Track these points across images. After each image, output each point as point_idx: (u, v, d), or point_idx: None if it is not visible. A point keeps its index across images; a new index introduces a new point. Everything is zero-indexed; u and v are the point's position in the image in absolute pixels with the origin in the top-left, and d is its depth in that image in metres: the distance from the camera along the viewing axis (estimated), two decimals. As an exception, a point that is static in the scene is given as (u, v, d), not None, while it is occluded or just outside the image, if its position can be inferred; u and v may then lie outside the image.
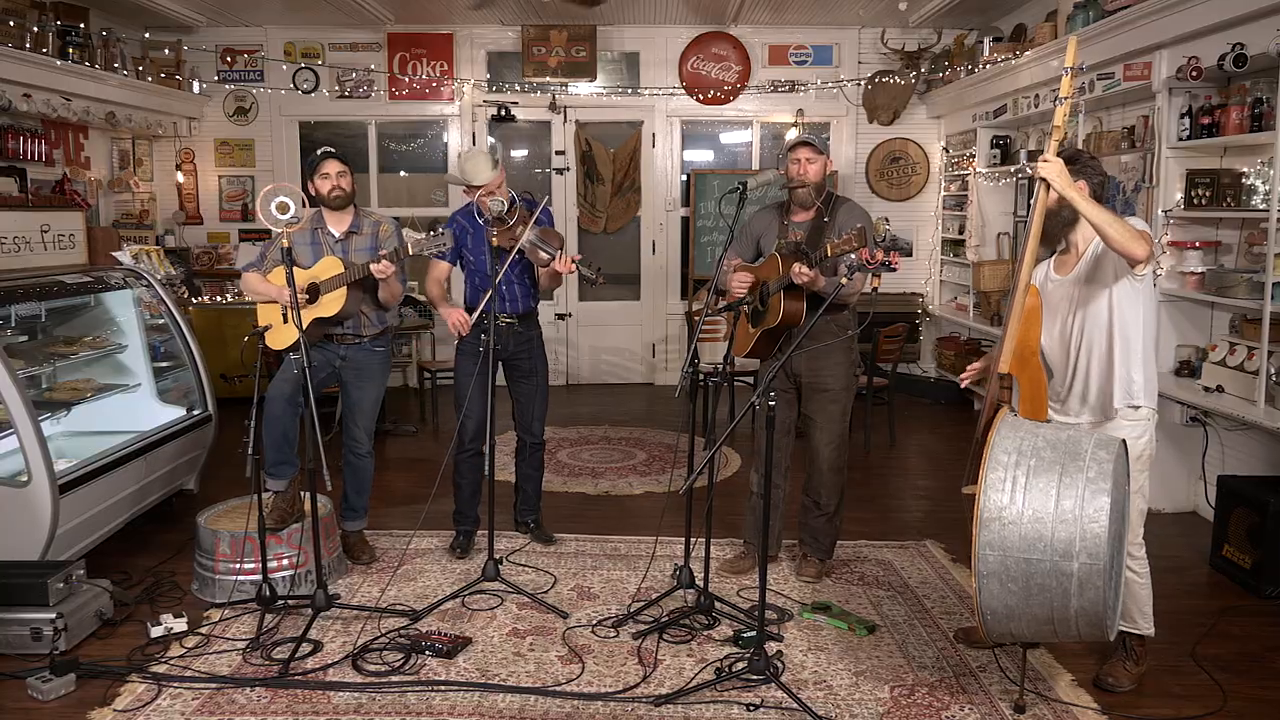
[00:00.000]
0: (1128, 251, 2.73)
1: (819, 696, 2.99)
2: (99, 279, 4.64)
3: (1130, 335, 2.91)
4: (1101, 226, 2.73)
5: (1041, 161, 2.79)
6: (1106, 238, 2.74)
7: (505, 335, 4.03)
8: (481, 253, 3.98)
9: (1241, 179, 4.41)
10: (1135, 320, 2.91)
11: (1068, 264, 3.04)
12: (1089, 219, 2.76)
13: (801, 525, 4.02)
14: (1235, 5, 4.06)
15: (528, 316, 4.16)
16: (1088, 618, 2.53)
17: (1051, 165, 2.78)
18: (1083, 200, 2.77)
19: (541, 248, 3.89)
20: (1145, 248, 2.72)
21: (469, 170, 3.94)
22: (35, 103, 5.85)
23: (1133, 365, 2.92)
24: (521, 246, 3.89)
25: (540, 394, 4.24)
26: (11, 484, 3.56)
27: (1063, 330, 3.05)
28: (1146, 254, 2.73)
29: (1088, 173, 2.94)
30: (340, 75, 7.94)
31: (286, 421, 3.84)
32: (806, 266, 3.43)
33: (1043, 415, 2.94)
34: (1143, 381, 2.93)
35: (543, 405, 4.26)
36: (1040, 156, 2.81)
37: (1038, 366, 2.94)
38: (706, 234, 8.08)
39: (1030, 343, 2.92)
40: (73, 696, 2.97)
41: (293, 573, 3.75)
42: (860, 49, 7.96)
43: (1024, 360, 2.89)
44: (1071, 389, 3.04)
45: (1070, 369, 3.03)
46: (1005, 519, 2.54)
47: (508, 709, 2.90)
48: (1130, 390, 2.93)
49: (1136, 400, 2.93)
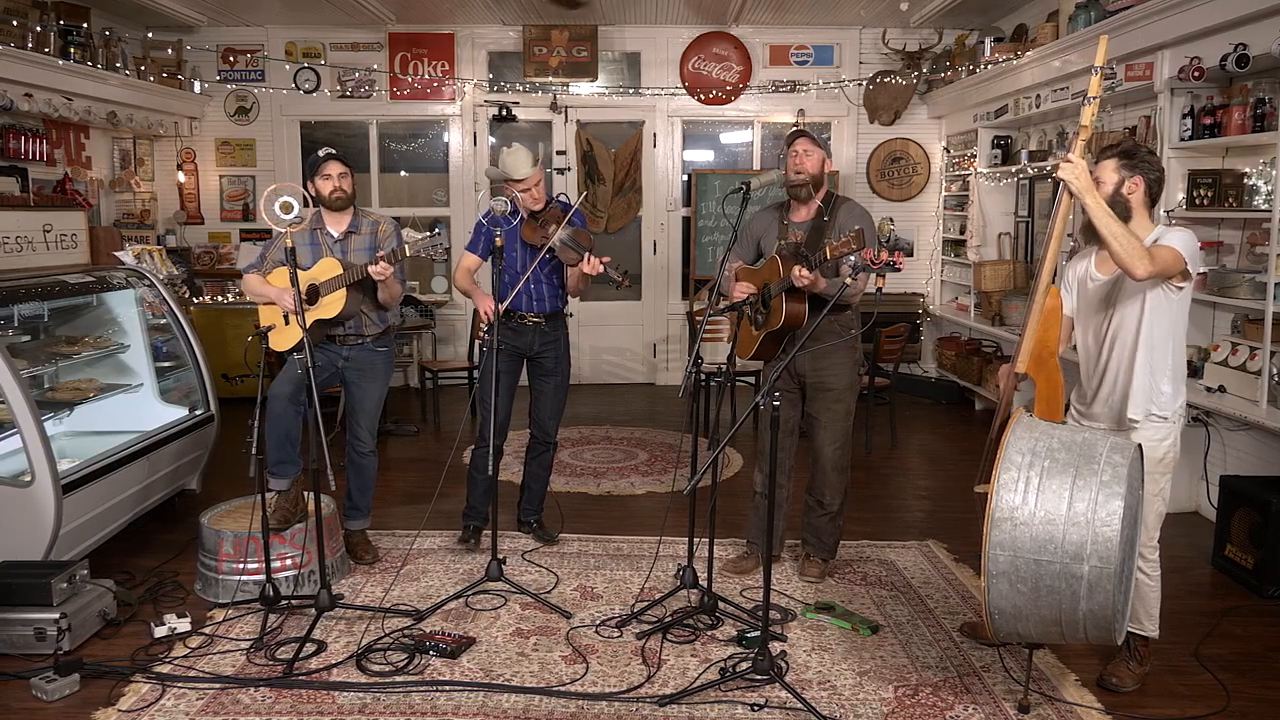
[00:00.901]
0: (1126, 267, 2.69)
1: (823, 696, 2.99)
2: (101, 279, 4.64)
3: (1159, 345, 2.86)
4: (1107, 239, 2.69)
5: (1064, 161, 2.72)
6: (1110, 250, 2.71)
7: (531, 334, 4.10)
8: (513, 250, 4.06)
9: (1243, 179, 4.41)
10: (1165, 331, 2.86)
11: (1110, 263, 2.89)
12: (1097, 227, 2.71)
13: (804, 525, 4.02)
14: (1237, 6, 4.06)
15: (554, 316, 4.19)
16: (1096, 620, 2.53)
17: (1073, 166, 2.71)
18: (1096, 209, 2.71)
19: (571, 247, 3.93)
20: (1146, 268, 2.66)
21: (509, 164, 3.97)
22: (37, 102, 5.85)
23: (1160, 376, 2.88)
24: (552, 245, 3.93)
25: (559, 393, 4.27)
26: (15, 484, 3.56)
27: (1097, 330, 3.00)
28: (1145, 274, 2.68)
29: (1143, 168, 2.85)
30: (341, 75, 7.94)
31: (289, 421, 3.84)
32: (806, 269, 3.42)
33: (1058, 416, 2.92)
34: (1172, 392, 2.90)
35: (559, 405, 4.28)
36: (1064, 156, 2.75)
37: (1055, 368, 2.93)
38: (708, 234, 8.08)
39: (1049, 343, 2.90)
40: (77, 696, 2.97)
41: (296, 573, 3.75)
42: (861, 49, 7.97)
43: (1041, 361, 2.88)
44: (1099, 392, 3.01)
45: (1100, 370, 2.99)
46: (1017, 519, 2.54)
47: (512, 709, 2.90)
48: (1158, 401, 2.89)
49: (1163, 411, 2.90)
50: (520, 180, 3.97)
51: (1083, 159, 2.74)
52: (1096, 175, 2.87)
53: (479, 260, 4.18)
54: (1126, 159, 2.86)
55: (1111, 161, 2.88)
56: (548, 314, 4.15)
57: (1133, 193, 2.87)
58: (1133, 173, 2.85)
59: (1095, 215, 2.71)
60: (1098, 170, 2.90)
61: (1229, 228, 4.65)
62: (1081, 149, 2.78)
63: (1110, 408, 2.98)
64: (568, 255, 3.95)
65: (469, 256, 4.19)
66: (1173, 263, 2.74)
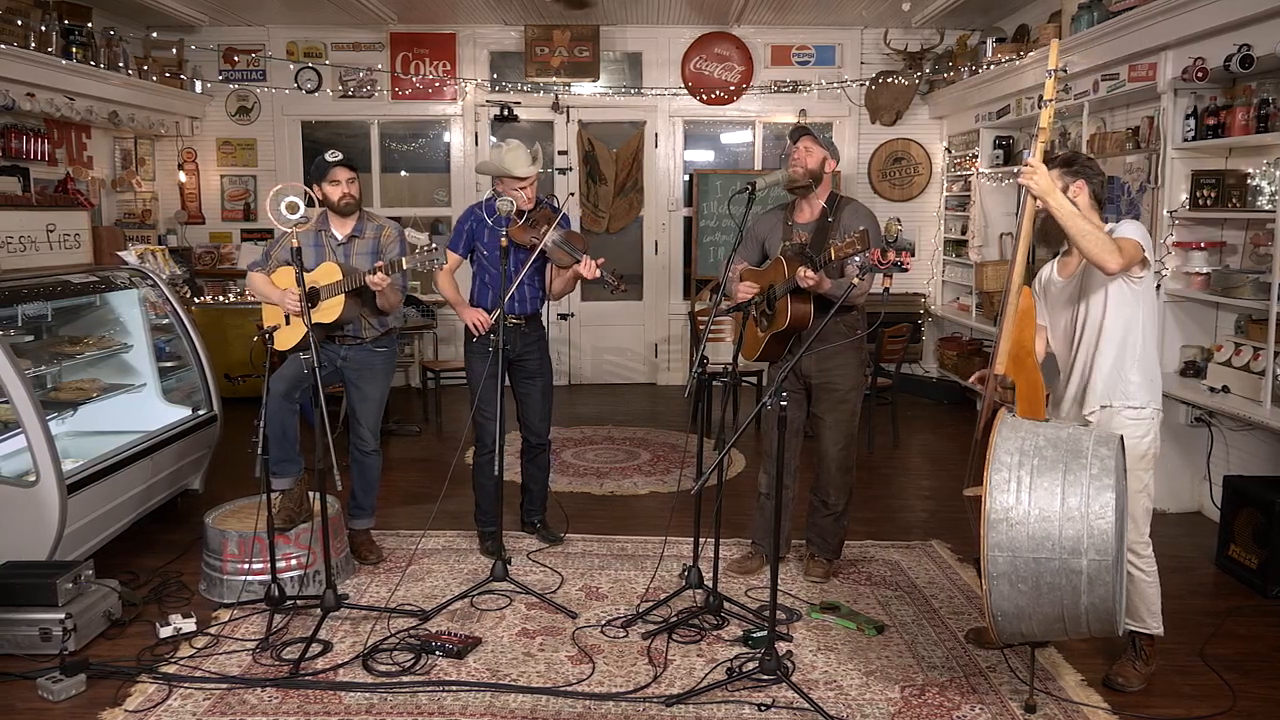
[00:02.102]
0: (1099, 263, 2.77)
1: (830, 697, 2.99)
2: (105, 279, 4.63)
3: (1126, 336, 2.93)
4: (1076, 237, 2.78)
5: (1025, 168, 2.81)
6: (1080, 248, 2.79)
7: (513, 336, 4.04)
8: (496, 249, 3.98)
9: (1247, 180, 4.42)
10: (1134, 321, 2.93)
11: (1069, 266, 3.07)
12: (1065, 227, 2.79)
13: (809, 525, 4.02)
14: (1242, 6, 4.06)
15: (534, 318, 4.16)
16: (1098, 614, 2.54)
17: (1032, 170, 2.79)
18: (1061, 210, 2.79)
19: (566, 250, 3.88)
20: (1117, 261, 2.75)
21: (511, 161, 3.90)
22: (39, 102, 5.84)
23: (1128, 366, 2.94)
24: (544, 247, 3.88)
25: (545, 394, 4.24)
26: (19, 484, 3.56)
27: (1066, 331, 3.09)
28: (1118, 266, 2.76)
29: (1086, 173, 2.97)
30: (343, 75, 7.94)
31: (284, 418, 3.83)
32: (811, 270, 3.42)
33: (1040, 414, 2.97)
34: (1141, 381, 2.95)
35: (547, 405, 4.26)
36: (1025, 163, 2.83)
37: (1033, 367, 2.97)
38: (709, 234, 8.08)
39: (1025, 343, 2.95)
40: (83, 697, 2.97)
41: (301, 573, 3.74)
42: (863, 49, 7.97)
43: (1019, 361, 2.92)
44: (1067, 389, 3.08)
45: (1070, 371, 3.07)
46: (1012, 519, 2.55)
47: (519, 709, 2.90)
48: (1126, 391, 2.95)
49: (1133, 400, 2.95)
50: (522, 179, 3.92)
51: (1042, 163, 2.82)
52: None
53: (460, 259, 4.13)
54: (1067, 166, 2.97)
55: (1054, 171, 2.96)
56: (528, 315, 4.12)
57: (1078, 196, 2.95)
58: (1075, 178, 2.95)
59: (1061, 215, 2.79)
60: None
61: (1232, 228, 4.65)
62: (1041, 152, 2.86)
63: (1077, 403, 3.05)
64: (561, 257, 3.91)
65: (450, 256, 4.10)
66: (1135, 253, 2.82)
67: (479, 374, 4.00)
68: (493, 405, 3.86)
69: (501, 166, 3.92)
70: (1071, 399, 3.07)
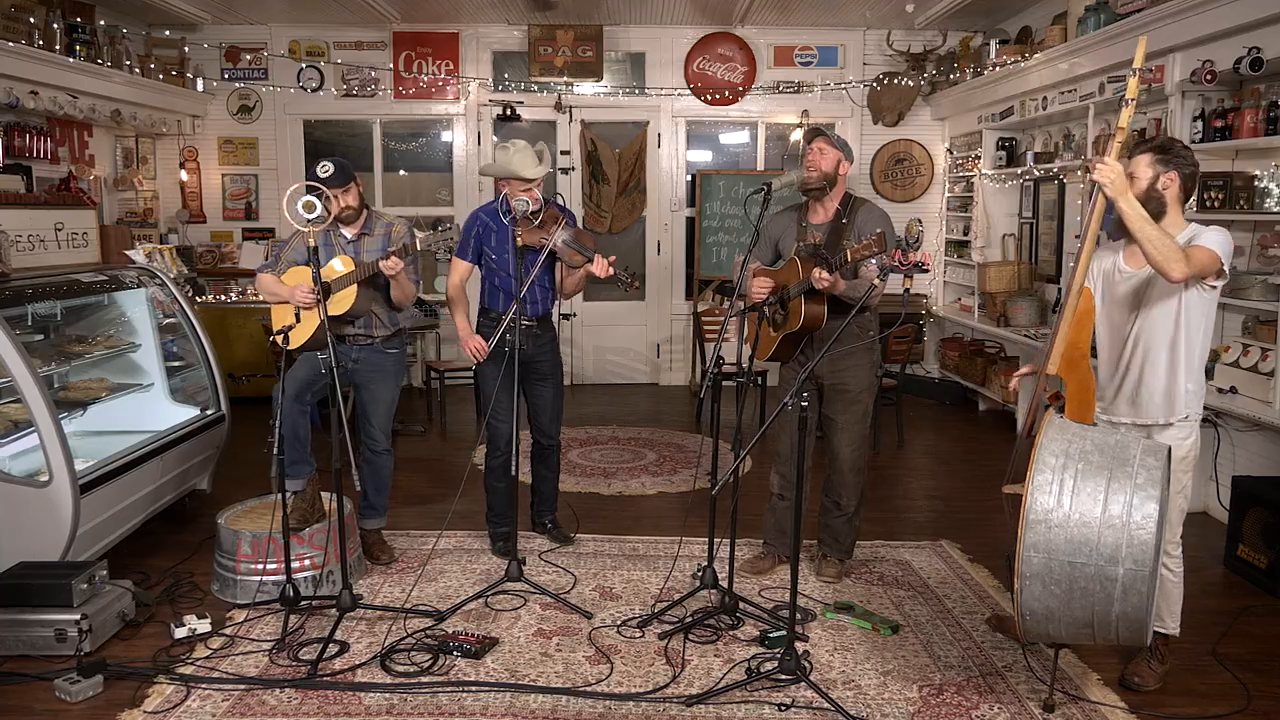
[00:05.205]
0: (1163, 270, 2.68)
1: (848, 696, 3.00)
2: (113, 278, 4.62)
3: (1191, 344, 2.86)
4: (1142, 242, 2.68)
5: (1100, 163, 2.70)
6: (1145, 253, 2.70)
7: (525, 338, 4.01)
8: (505, 252, 3.96)
9: (1254, 182, 4.44)
10: (1196, 329, 2.86)
11: (1139, 257, 2.85)
12: (1132, 231, 2.70)
13: (821, 526, 4.03)
14: (1252, 9, 4.08)
15: (545, 318, 4.15)
16: (1129, 622, 2.53)
17: (1109, 169, 2.69)
18: (1130, 212, 2.70)
19: (577, 249, 3.85)
20: (1182, 270, 2.65)
21: (519, 163, 3.84)
22: (42, 100, 5.81)
23: (1188, 375, 2.88)
24: (554, 247, 3.85)
25: (557, 395, 4.23)
26: (32, 483, 3.54)
27: (1122, 326, 2.96)
28: (1182, 276, 2.67)
29: (1178, 163, 2.84)
30: (345, 74, 7.92)
31: (295, 420, 3.83)
32: (826, 271, 3.43)
33: (1089, 418, 2.91)
34: (1195, 390, 2.91)
35: (559, 406, 4.26)
36: (1098, 159, 2.73)
37: (1087, 370, 2.92)
38: (712, 234, 8.09)
39: (1080, 346, 2.89)
40: (101, 698, 2.96)
41: (314, 573, 3.73)
42: (865, 50, 7.99)
43: (1073, 363, 2.87)
44: (1120, 390, 3.00)
45: (1123, 368, 2.98)
46: (1052, 522, 2.54)
47: (540, 709, 2.90)
48: (1184, 400, 2.89)
49: (1189, 409, 2.91)
50: (531, 180, 3.88)
51: (1119, 162, 2.72)
52: (1130, 171, 2.85)
53: (470, 266, 4.07)
54: (1161, 154, 2.84)
55: (1146, 156, 2.86)
56: (539, 316, 4.10)
57: (1167, 188, 2.85)
58: (1168, 168, 2.83)
59: (1130, 219, 2.70)
60: (1131, 165, 2.87)
61: (1240, 230, 4.66)
62: (1119, 151, 2.76)
63: (1136, 407, 2.97)
64: (572, 257, 3.88)
65: (460, 264, 4.05)
66: (1209, 263, 2.73)
67: (491, 377, 3.98)
68: (507, 407, 3.85)
69: (509, 168, 3.87)
70: (1128, 400, 2.96)
